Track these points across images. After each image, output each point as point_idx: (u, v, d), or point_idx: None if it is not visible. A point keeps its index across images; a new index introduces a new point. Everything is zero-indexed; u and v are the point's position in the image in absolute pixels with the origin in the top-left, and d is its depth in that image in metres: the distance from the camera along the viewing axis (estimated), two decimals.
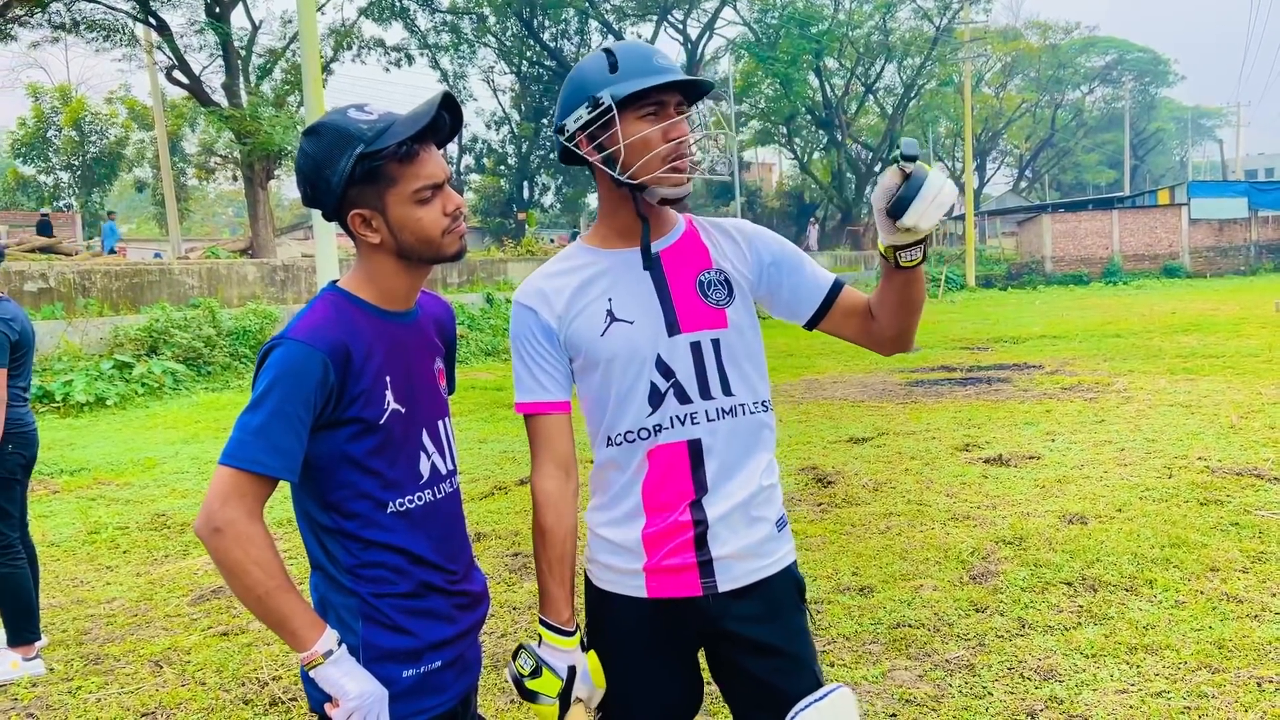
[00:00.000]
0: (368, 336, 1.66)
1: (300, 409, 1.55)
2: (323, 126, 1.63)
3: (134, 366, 13.64)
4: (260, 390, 1.55)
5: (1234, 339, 14.04)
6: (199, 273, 17.76)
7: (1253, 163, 74.02)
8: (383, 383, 1.67)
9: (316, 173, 1.63)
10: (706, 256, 1.96)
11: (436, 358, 1.86)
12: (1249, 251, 36.96)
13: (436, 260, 1.71)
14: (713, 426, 1.87)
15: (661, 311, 1.88)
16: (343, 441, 1.63)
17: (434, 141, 1.69)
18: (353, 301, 1.70)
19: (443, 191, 1.69)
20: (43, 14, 23.91)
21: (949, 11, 40.83)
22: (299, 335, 1.58)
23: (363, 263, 1.73)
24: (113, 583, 5.24)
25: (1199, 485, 5.80)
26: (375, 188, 1.63)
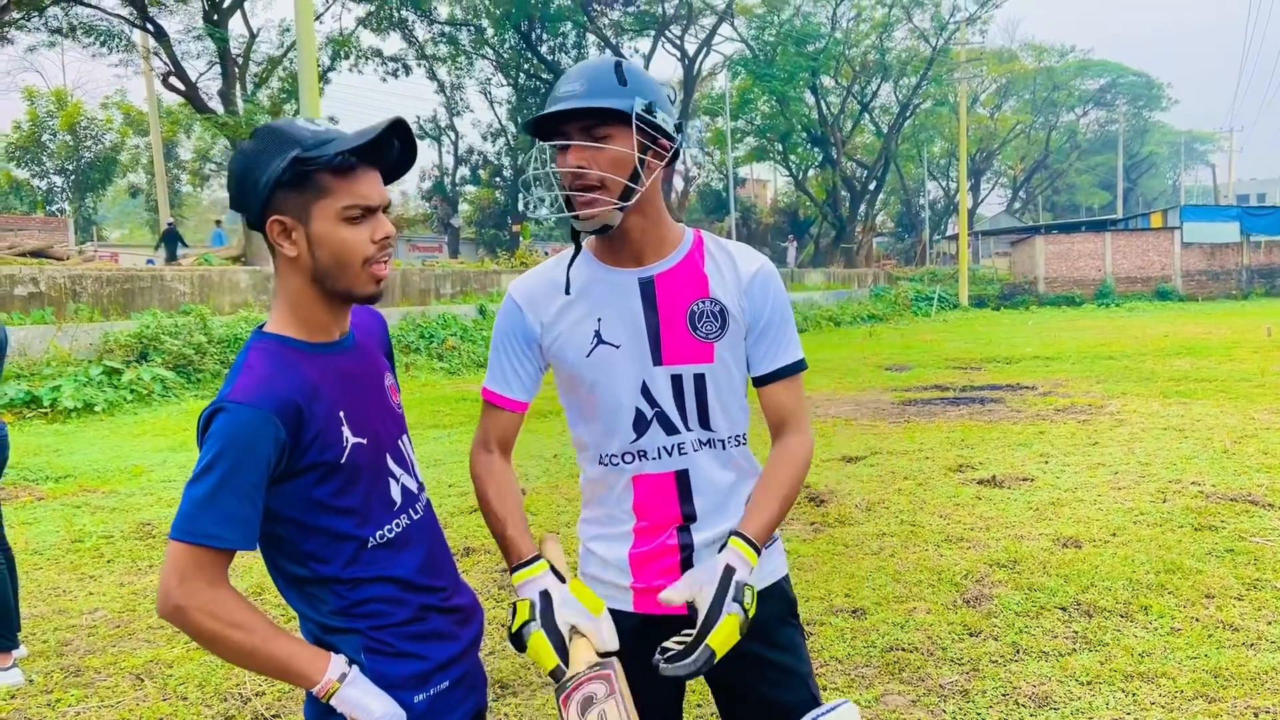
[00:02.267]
0: (312, 379, 1.58)
1: (252, 475, 1.47)
2: (265, 128, 1.58)
3: (123, 373, 13.55)
4: (206, 459, 1.46)
5: (1226, 363, 14.05)
6: (191, 279, 17.69)
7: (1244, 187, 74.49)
8: (336, 420, 1.60)
9: (246, 171, 1.56)
10: (704, 284, 1.89)
11: (385, 374, 1.80)
12: (1241, 276, 37.10)
13: (349, 296, 1.62)
14: (697, 456, 1.87)
15: (648, 338, 1.84)
16: (308, 488, 1.56)
17: (378, 167, 1.64)
18: (286, 344, 1.61)
19: (375, 217, 1.61)
20: (40, 18, 23.91)
21: (945, 32, 41.05)
22: (241, 397, 1.49)
23: (281, 293, 1.64)
24: (95, 593, 5.16)
25: (1193, 510, 5.77)
26: (303, 195, 1.55)
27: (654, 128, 1.79)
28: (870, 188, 48.14)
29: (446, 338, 18.79)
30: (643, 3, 37.33)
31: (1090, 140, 65.05)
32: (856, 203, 47.20)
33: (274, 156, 1.53)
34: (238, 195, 1.59)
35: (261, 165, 1.54)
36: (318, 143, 1.54)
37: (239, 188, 1.58)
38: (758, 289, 1.90)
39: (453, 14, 36.82)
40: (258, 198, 1.55)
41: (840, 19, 40.35)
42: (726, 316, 1.86)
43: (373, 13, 31.04)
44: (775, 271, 1.95)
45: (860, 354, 18.13)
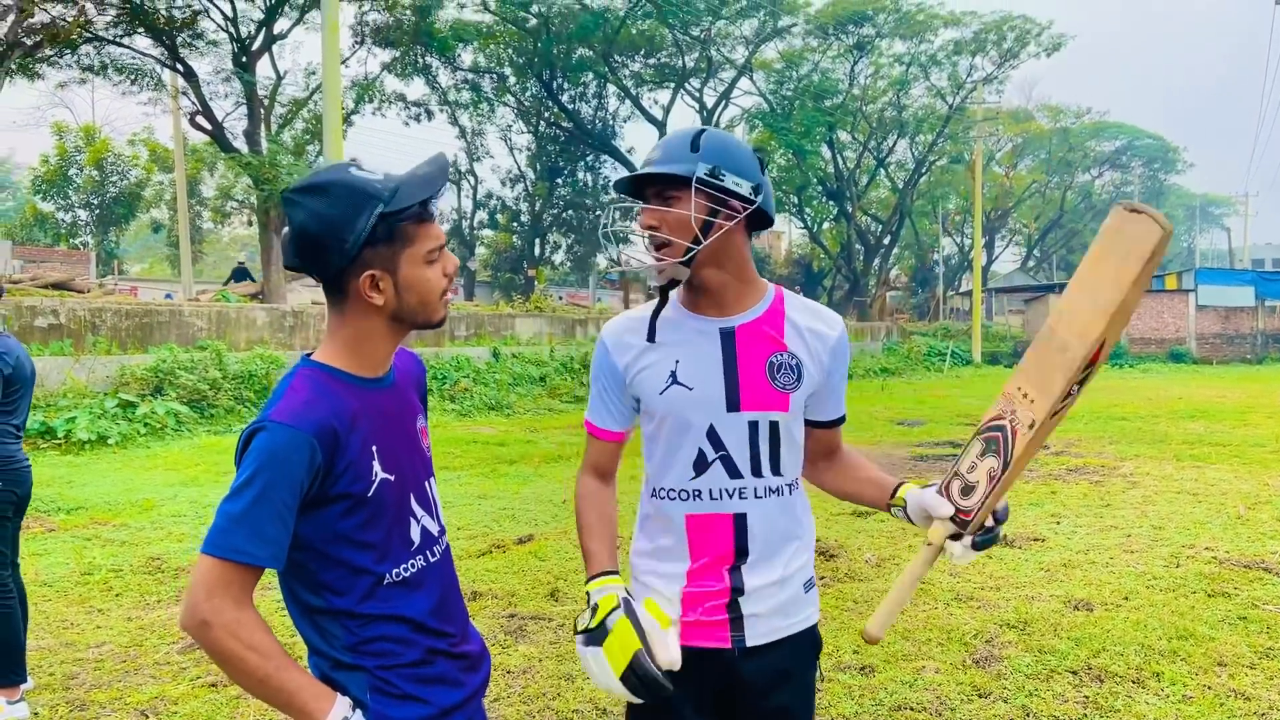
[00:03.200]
0: (351, 409, 1.63)
1: (286, 495, 1.50)
2: (331, 184, 1.59)
3: (138, 406, 13.64)
4: (244, 476, 1.50)
5: (1241, 428, 13.98)
6: (208, 315, 17.84)
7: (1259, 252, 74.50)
8: (369, 454, 1.63)
9: (331, 233, 1.58)
10: (782, 338, 2.00)
11: (418, 417, 1.85)
12: (1255, 340, 37.00)
13: (426, 325, 1.69)
14: (760, 503, 1.96)
15: (724, 385, 1.95)
16: (333, 519, 1.59)
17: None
18: (332, 374, 1.66)
19: (444, 253, 1.70)
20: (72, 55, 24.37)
21: (962, 91, 41.43)
22: (282, 418, 1.53)
23: (345, 329, 1.68)
24: (103, 626, 5.17)
25: (1206, 576, 5.73)
26: (391, 248, 1.60)
27: (722, 190, 1.90)
28: (885, 242, 48.31)
29: (459, 379, 18.85)
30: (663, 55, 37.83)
31: (1105, 201, 65.17)
32: (871, 256, 47.36)
33: (358, 214, 1.56)
34: (315, 255, 1.60)
35: (345, 225, 1.56)
36: (391, 192, 1.58)
37: (318, 249, 1.59)
38: (839, 352, 2.06)
39: (476, 62, 37.38)
40: (345, 257, 1.58)
41: (858, 76, 40.78)
42: (802, 370, 1.98)
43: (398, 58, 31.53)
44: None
45: (872, 408, 18.12)
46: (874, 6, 37.51)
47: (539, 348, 23.72)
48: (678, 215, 1.88)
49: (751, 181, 1.93)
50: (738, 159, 1.93)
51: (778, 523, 1.99)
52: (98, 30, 23.93)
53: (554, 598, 5.54)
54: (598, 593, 1.87)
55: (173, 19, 24.63)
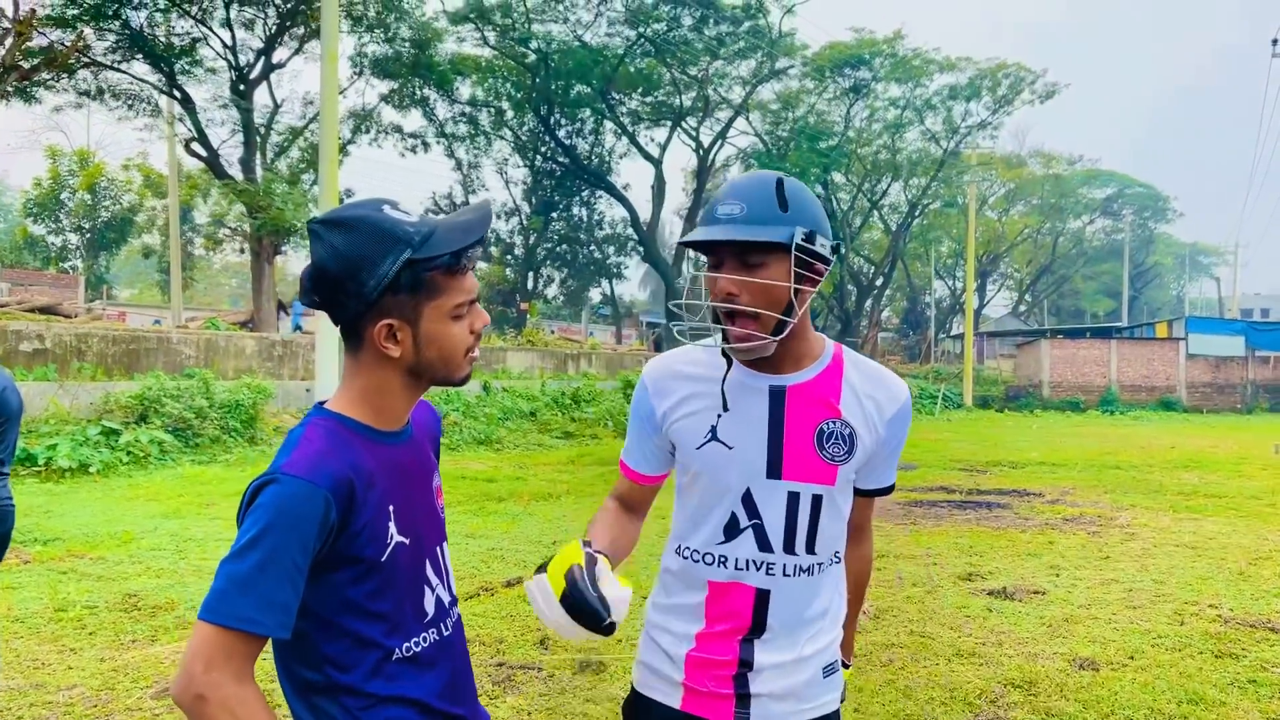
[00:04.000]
0: (368, 465, 1.49)
1: (298, 555, 1.36)
2: (358, 221, 1.46)
3: (121, 434, 13.43)
4: (251, 534, 1.35)
5: (1235, 479, 13.89)
6: (196, 343, 17.68)
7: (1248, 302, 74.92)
8: (385, 514, 1.50)
9: (350, 273, 1.45)
10: (838, 404, 1.82)
11: (434, 474, 1.71)
12: (1245, 390, 37.08)
13: (446, 382, 1.56)
14: (787, 582, 1.81)
15: (767, 449, 1.78)
16: (342, 585, 1.45)
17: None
18: (348, 426, 1.52)
19: (474, 308, 1.56)
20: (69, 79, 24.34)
21: (956, 136, 41.75)
22: (296, 470, 1.39)
23: (360, 379, 1.54)
24: (75, 667, 4.98)
25: (1212, 636, 5.59)
26: (415, 298, 1.47)
27: (812, 254, 1.73)
28: (877, 283, 48.46)
29: (448, 413, 18.68)
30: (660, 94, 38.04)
31: (1096, 248, 65.69)
32: (863, 297, 47.47)
33: (382, 257, 1.44)
34: (332, 296, 1.47)
35: (367, 267, 1.44)
36: (423, 239, 1.46)
37: (336, 289, 1.46)
38: (899, 423, 1.88)
39: (474, 95, 37.54)
40: (362, 301, 1.45)
41: (854, 118, 41.04)
42: (855, 441, 1.81)
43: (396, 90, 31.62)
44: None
45: None
46: (870, 50, 37.85)
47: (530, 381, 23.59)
48: (766, 285, 1.68)
49: (832, 241, 1.77)
50: (820, 217, 1.76)
51: (803, 603, 1.83)
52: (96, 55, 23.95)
53: (544, 646, 5.37)
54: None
55: (171, 46, 24.67)
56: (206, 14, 24.62)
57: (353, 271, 1.45)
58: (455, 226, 1.50)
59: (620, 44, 35.28)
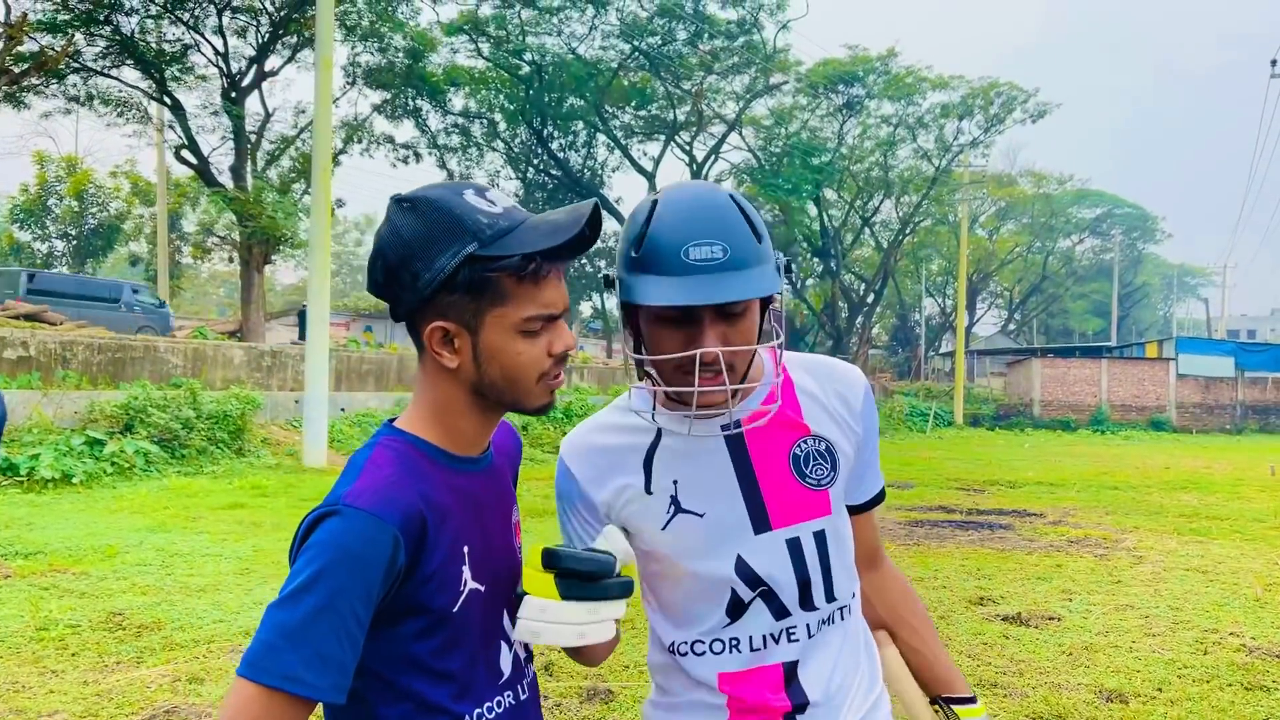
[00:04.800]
0: (442, 497, 1.28)
1: (359, 605, 1.14)
2: (428, 203, 1.25)
3: (105, 444, 13.15)
4: (305, 576, 1.13)
5: (1235, 500, 13.77)
6: (184, 352, 17.40)
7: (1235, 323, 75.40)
8: (459, 556, 1.28)
9: (405, 262, 1.24)
10: (800, 418, 1.52)
11: (513, 509, 1.48)
12: (1235, 411, 37.12)
13: (515, 408, 1.32)
14: (817, 643, 1.50)
15: (744, 500, 1.47)
16: (407, 639, 1.24)
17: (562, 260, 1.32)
18: (420, 449, 1.31)
19: (555, 326, 1.31)
20: (59, 84, 24.09)
21: (948, 154, 41.83)
22: (361, 502, 1.18)
23: (427, 393, 1.33)
24: (56, 691, 4.74)
25: (1239, 666, 5.41)
26: (476, 302, 1.25)
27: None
28: (868, 300, 48.45)
29: None
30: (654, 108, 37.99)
31: (1086, 267, 65.97)
32: (854, 314, 47.44)
33: (442, 247, 1.23)
34: (386, 284, 1.28)
35: (425, 255, 1.23)
36: (496, 233, 1.24)
37: (390, 277, 1.26)
38: (869, 412, 1.59)
39: (467, 107, 37.40)
40: (415, 294, 1.25)
41: (846, 135, 41.09)
42: (835, 454, 1.52)
43: (388, 100, 31.45)
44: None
45: None
46: (864, 68, 37.93)
47: None
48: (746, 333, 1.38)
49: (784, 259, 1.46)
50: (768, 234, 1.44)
51: (839, 660, 1.51)
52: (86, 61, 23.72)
53: (548, 672, 5.15)
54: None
55: (163, 52, 24.45)
56: (199, 21, 24.44)
57: (408, 260, 1.24)
58: (541, 225, 1.26)
59: (614, 57, 35.24)
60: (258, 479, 13.20)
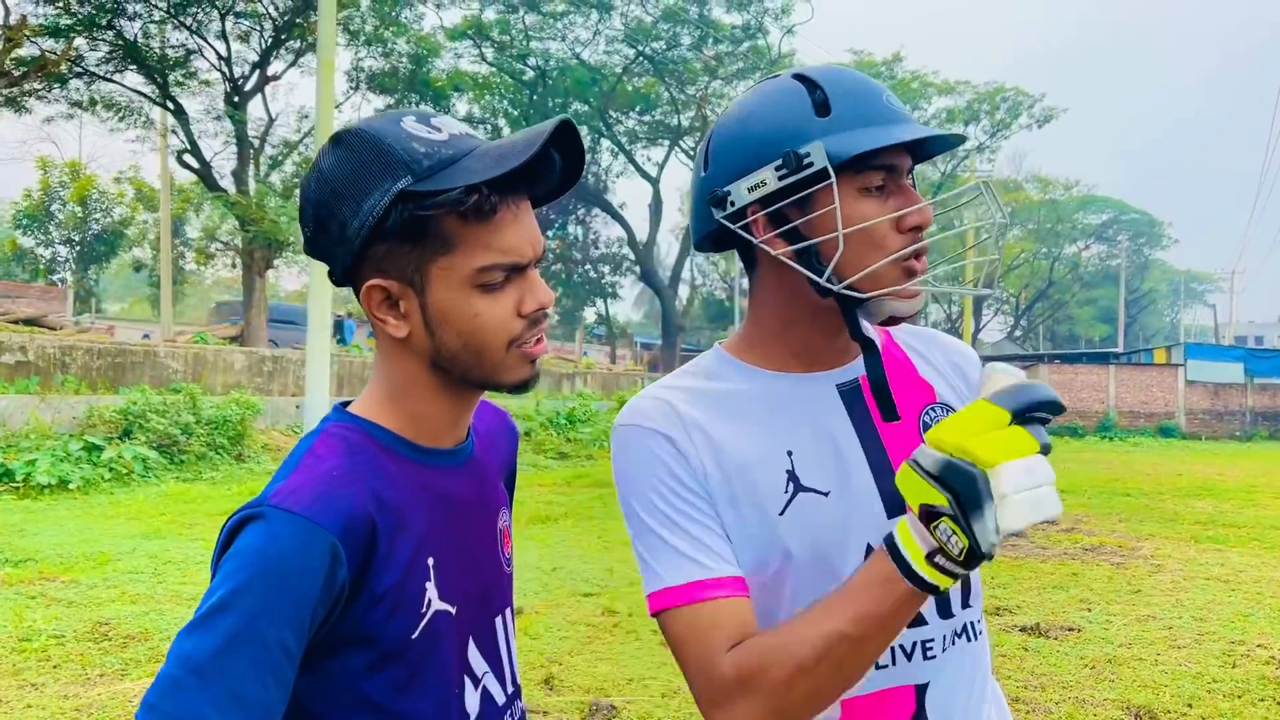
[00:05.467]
0: (402, 495, 1.04)
1: (286, 632, 0.91)
2: (357, 135, 1.02)
3: (104, 449, 12.97)
4: (219, 596, 0.91)
5: (1250, 507, 13.53)
6: (184, 357, 17.24)
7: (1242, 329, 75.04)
8: (422, 570, 1.04)
9: (330, 206, 1.01)
10: (923, 382, 1.27)
11: (501, 512, 1.23)
12: (1245, 417, 36.81)
13: (488, 384, 1.08)
14: (950, 659, 1.19)
15: (872, 476, 1.18)
16: (355, 675, 1.01)
17: (532, 196, 1.07)
18: (375, 436, 1.07)
19: (524, 279, 1.05)
20: (61, 89, 24.00)
21: (953, 159, 41.64)
22: (294, 504, 0.95)
23: (383, 371, 1.10)
24: (35, 705, 4.54)
25: (1270, 680, 5.19)
26: (416, 250, 1.01)
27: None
28: None
29: None
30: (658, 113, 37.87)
31: (1091, 274, 65.72)
32: None
33: (370, 185, 0.99)
34: (316, 239, 1.05)
35: (353, 198, 1.00)
36: (436, 164, 0.99)
37: (319, 228, 1.04)
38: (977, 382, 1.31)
39: (471, 112, 37.32)
40: (347, 248, 1.02)
41: None
42: None
43: (392, 105, 31.36)
44: None
45: None
46: (869, 72, 37.73)
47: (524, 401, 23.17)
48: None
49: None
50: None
51: (969, 683, 1.22)
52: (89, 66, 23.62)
53: (549, 686, 4.94)
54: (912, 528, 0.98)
55: (165, 57, 24.35)
56: (201, 26, 24.34)
57: (334, 205, 1.01)
58: (491, 151, 1.01)
59: (619, 62, 35.14)
60: (257, 485, 13.00)
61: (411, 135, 1.00)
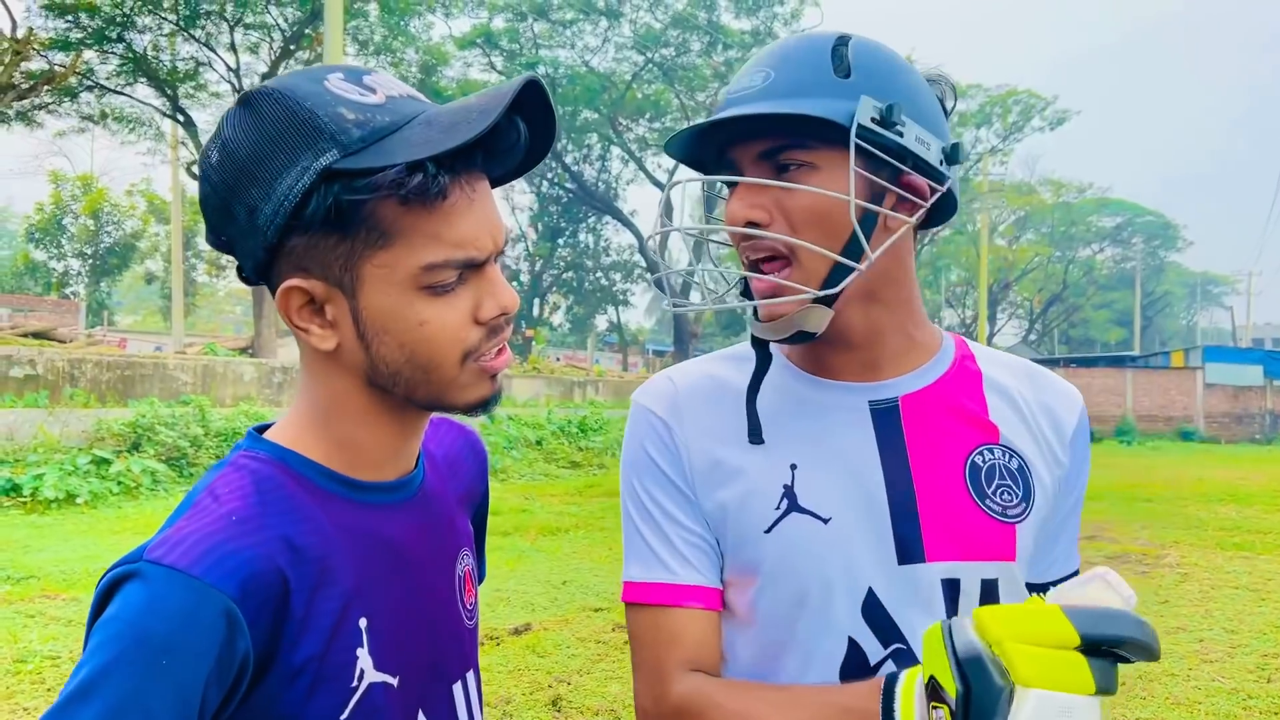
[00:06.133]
0: (325, 542, 0.85)
1: (168, 716, 0.73)
2: (271, 98, 0.82)
3: (112, 463, 12.88)
4: (84, 676, 0.73)
5: (1275, 512, 13.29)
6: (194, 369, 17.16)
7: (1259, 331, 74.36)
8: (352, 635, 0.86)
9: (236, 187, 0.82)
10: (987, 416, 1.09)
11: (461, 554, 1.02)
12: (1265, 420, 36.40)
13: (438, 405, 0.90)
14: None
15: (890, 512, 1.02)
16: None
17: (491, 175, 0.89)
18: (294, 468, 0.89)
19: (482, 277, 0.87)
20: (72, 103, 24.05)
21: (967, 163, 41.40)
22: (176, 558, 0.77)
23: (309, 391, 0.92)
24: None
25: None
26: (345, 244, 0.82)
27: (896, 153, 1.00)
28: None
29: None
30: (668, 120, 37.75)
31: (1106, 277, 65.25)
32: None
33: (288, 162, 0.80)
34: (220, 227, 0.86)
35: (264, 178, 0.80)
36: (370, 134, 0.80)
37: (223, 216, 0.84)
38: (1081, 443, 1.15)
39: None
40: (259, 240, 0.82)
41: None
42: (1030, 479, 1.08)
43: None
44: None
45: None
46: None
47: (535, 410, 23.04)
48: (811, 201, 0.98)
49: (941, 140, 1.06)
50: (917, 96, 1.04)
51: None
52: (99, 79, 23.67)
53: (556, 707, 4.77)
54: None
55: (175, 69, 24.37)
56: (211, 38, 24.36)
57: (241, 186, 0.81)
58: (440, 118, 0.82)
59: (628, 69, 35.05)
60: None
61: (339, 98, 0.81)
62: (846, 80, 1.00)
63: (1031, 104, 39.79)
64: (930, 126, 1.04)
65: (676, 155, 1.11)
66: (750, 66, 1.05)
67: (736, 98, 1.03)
